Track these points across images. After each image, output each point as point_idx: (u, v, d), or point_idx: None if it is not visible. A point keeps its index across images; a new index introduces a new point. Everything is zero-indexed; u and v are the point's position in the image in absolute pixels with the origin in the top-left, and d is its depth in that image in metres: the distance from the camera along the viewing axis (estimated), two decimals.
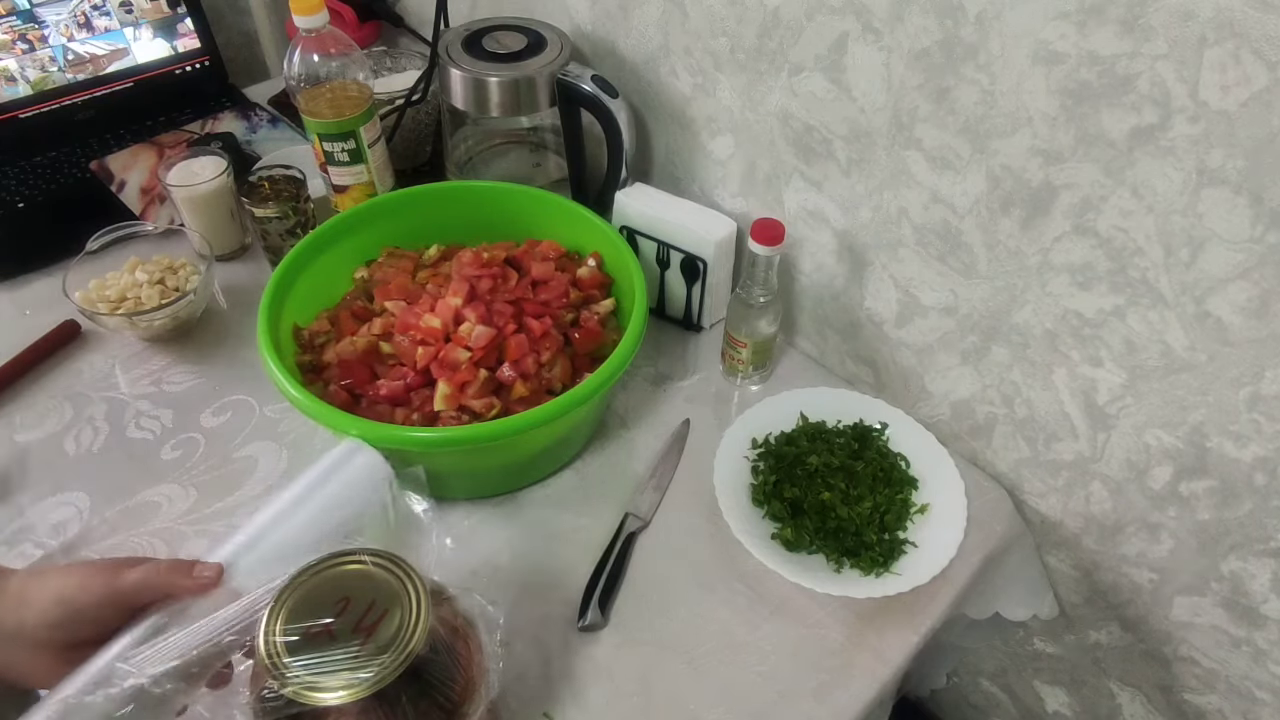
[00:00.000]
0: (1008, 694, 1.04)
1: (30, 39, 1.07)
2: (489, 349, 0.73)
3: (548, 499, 0.78)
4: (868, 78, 0.70)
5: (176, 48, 1.18)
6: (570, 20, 0.95)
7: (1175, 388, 0.65)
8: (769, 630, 0.70)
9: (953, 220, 0.71)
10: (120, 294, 0.88)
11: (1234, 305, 0.59)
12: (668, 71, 0.88)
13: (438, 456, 0.70)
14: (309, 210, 0.93)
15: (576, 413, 0.69)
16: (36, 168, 1.09)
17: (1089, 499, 0.77)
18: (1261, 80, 0.51)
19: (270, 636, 0.45)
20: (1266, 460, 0.63)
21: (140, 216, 1.01)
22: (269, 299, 0.74)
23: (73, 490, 0.77)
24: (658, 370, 0.90)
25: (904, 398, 0.86)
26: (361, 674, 0.44)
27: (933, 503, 0.76)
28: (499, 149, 1.05)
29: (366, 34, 1.20)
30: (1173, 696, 0.83)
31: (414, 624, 0.46)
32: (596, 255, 0.85)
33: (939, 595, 0.72)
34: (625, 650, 0.68)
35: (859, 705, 0.66)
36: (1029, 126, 0.62)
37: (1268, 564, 0.68)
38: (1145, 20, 0.53)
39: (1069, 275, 0.66)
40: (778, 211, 0.86)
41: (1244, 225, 0.55)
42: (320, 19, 0.81)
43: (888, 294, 0.81)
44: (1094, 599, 0.84)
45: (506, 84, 0.87)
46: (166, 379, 0.87)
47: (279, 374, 0.68)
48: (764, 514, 0.76)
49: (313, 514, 0.58)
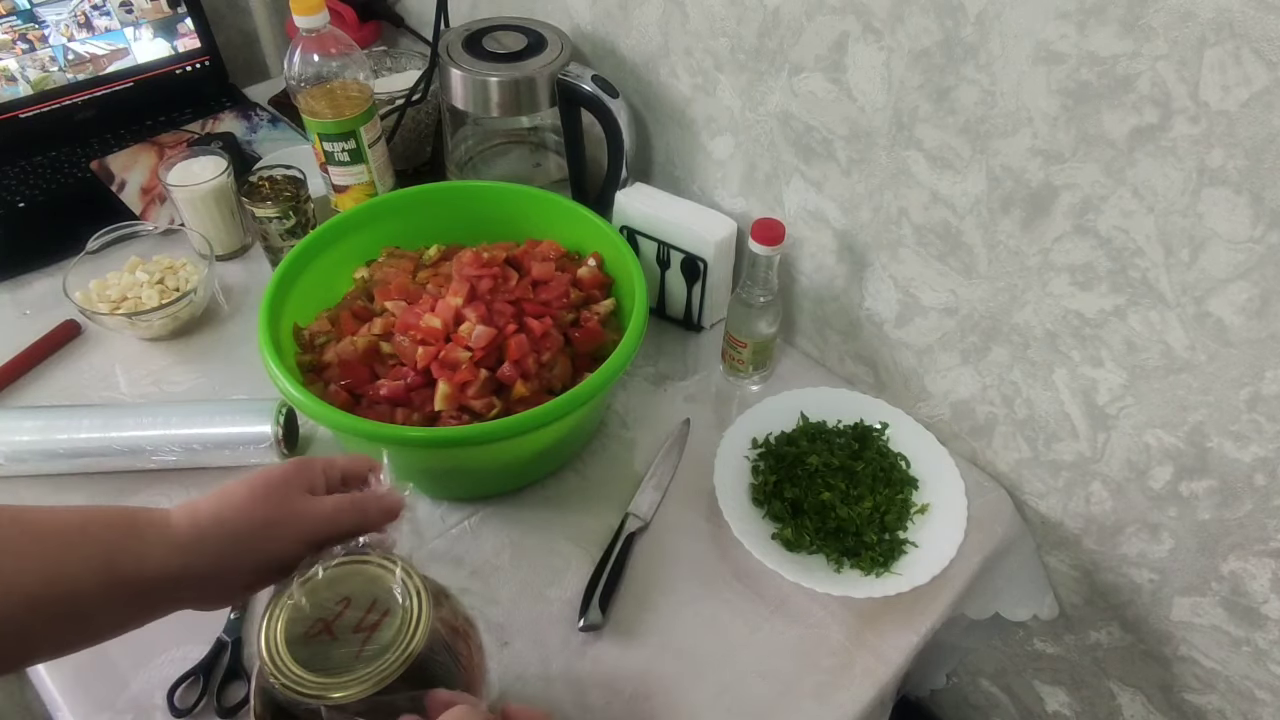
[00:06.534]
0: (1008, 694, 1.04)
1: (30, 39, 1.07)
2: (489, 349, 0.73)
3: (548, 499, 0.78)
4: (868, 78, 0.70)
5: (176, 48, 1.18)
6: (570, 20, 0.95)
7: (1175, 388, 0.65)
8: (769, 630, 0.70)
9: (953, 220, 0.71)
10: (120, 294, 0.88)
11: (1234, 305, 0.59)
12: (668, 72, 0.88)
13: (438, 456, 0.70)
14: (309, 210, 0.93)
15: (577, 413, 0.69)
16: (36, 168, 1.09)
17: (1089, 499, 0.77)
18: (1261, 80, 0.51)
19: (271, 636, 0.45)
20: (1266, 460, 0.63)
21: (140, 216, 1.01)
22: (269, 299, 0.74)
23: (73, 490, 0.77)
24: (658, 370, 0.90)
25: (904, 398, 0.86)
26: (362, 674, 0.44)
27: (933, 503, 0.76)
28: (499, 149, 1.05)
29: (366, 34, 1.20)
30: (1173, 696, 0.83)
31: (414, 624, 0.46)
32: (597, 255, 0.85)
33: (939, 595, 0.72)
34: (625, 650, 0.68)
35: (859, 705, 0.66)
36: (1029, 126, 0.62)
37: (1268, 564, 0.68)
38: (1145, 20, 0.53)
39: (1069, 275, 0.66)
40: (778, 211, 0.86)
41: (1244, 225, 0.55)
42: (320, 19, 0.81)
43: (888, 294, 0.81)
44: (1094, 599, 0.84)
45: (507, 84, 0.87)
46: (166, 379, 0.87)
47: (279, 374, 0.68)
48: (764, 514, 0.76)
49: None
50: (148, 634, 0.66)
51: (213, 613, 0.67)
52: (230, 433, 0.76)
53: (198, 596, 0.47)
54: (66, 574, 0.42)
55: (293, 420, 0.79)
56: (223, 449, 0.76)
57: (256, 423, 0.76)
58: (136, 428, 0.76)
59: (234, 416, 0.77)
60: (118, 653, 0.66)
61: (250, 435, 0.76)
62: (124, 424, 0.76)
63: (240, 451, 0.76)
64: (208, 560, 0.46)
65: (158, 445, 0.76)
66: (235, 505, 0.47)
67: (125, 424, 0.76)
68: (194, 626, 0.67)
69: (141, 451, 0.76)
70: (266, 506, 0.47)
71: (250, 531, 0.47)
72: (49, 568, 0.42)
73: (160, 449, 0.76)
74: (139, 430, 0.76)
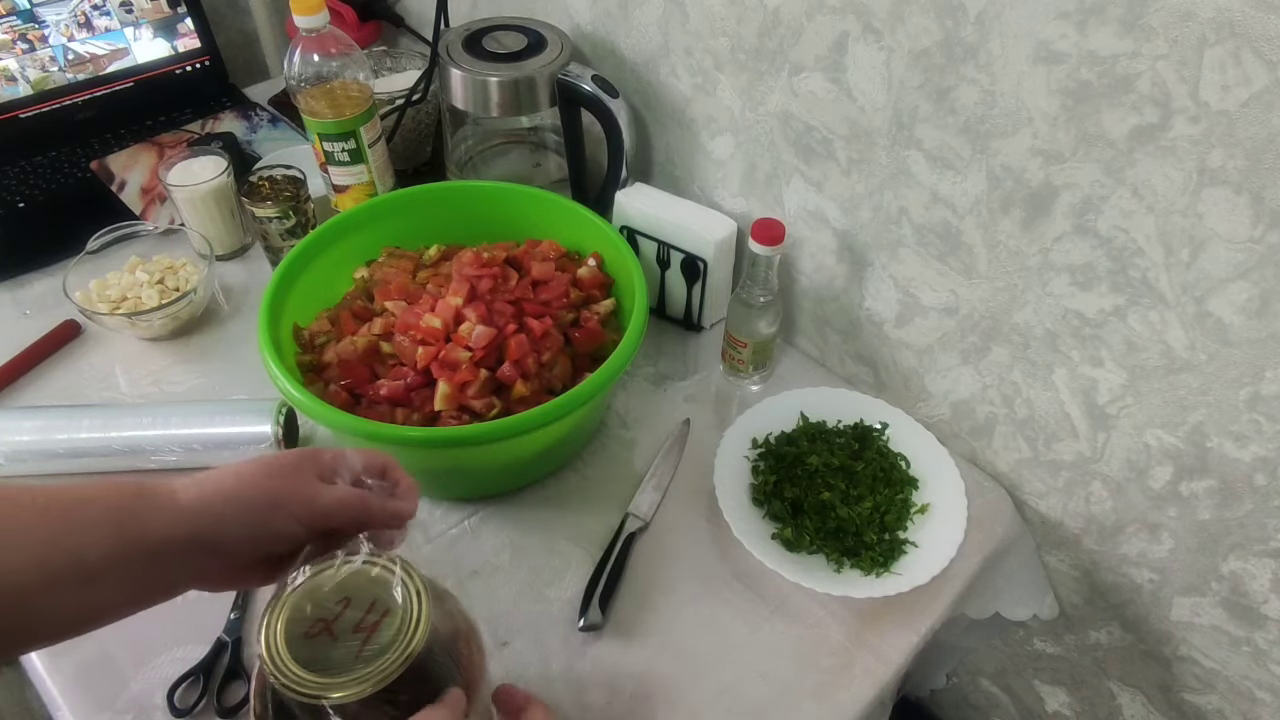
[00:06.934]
0: (1008, 694, 1.04)
1: (30, 39, 1.07)
2: (489, 349, 0.73)
3: (548, 499, 0.78)
4: (868, 78, 0.70)
5: (176, 48, 1.18)
6: (570, 20, 0.95)
7: (1175, 388, 0.65)
8: (769, 630, 0.70)
9: (953, 220, 0.71)
10: (120, 294, 0.88)
11: (1234, 305, 0.59)
12: (668, 71, 0.88)
13: (438, 456, 0.70)
14: (309, 210, 0.93)
15: (577, 413, 0.69)
16: (36, 168, 1.09)
17: (1089, 499, 0.77)
18: (1261, 80, 0.51)
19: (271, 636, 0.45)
20: (1266, 460, 0.63)
21: (140, 216, 1.01)
22: (269, 299, 0.74)
23: None
24: (658, 370, 0.90)
25: (904, 398, 0.86)
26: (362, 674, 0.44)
27: (933, 503, 0.76)
28: (499, 149, 1.06)
29: (366, 34, 1.20)
30: (1173, 696, 0.83)
31: (414, 624, 0.46)
32: (597, 255, 0.85)
33: (939, 595, 0.72)
34: (625, 650, 0.68)
35: (859, 705, 0.66)
36: (1029, 126, 0.62)
37: (1268, 564, 0.68)
38: (1145, 20, 0.53)
39: (1069, 275, 0.66)
40: (778, 211, 0.86)
41: (1244, 225, 0.55)
42: (320, 19, 0.81)
43: (888, 294, 0.81)
44: (1094, 599, 0.84)
45: (507, 84, 0.87)
46: (166, 379, 0.87)
47: (279, 374, 0.68)
48: (764, 514, 0.76)
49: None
50: (148, 634, 0.67)
51: (212, 613, 0.68)
52: (230, 433, 0.76)
53: (201, 572, 0.47)
54: (75, 539, 0.42)
55: (293, 420, 0.79)
56: (223, 449, 0.76)
57: (256, 423, 0.76)
58: (136, 428, 0.76)
59: (234, 416, 0.77)
60: (118, 653, 0.66)
61: (250, 435, 0.76)
62: (124, 424, 0.76)
63: (240, 451, 0.76)
64: (211, 528, 0.45)
65: (158, 445, 0.76)
66: (243, 479, 0.47)
67: (125, 424, 0.76)
68: (194, 626, 0.68)
69: (141, 451, 0.76)
70: (272, 483, 0.47)
71: (255, 504, 0.47)
72: (57, 532, 0.42)
73: (160, 449, 0.76)
74: (139, 430, 0.76)
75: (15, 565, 0.40)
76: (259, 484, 0.47)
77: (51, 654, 0.66)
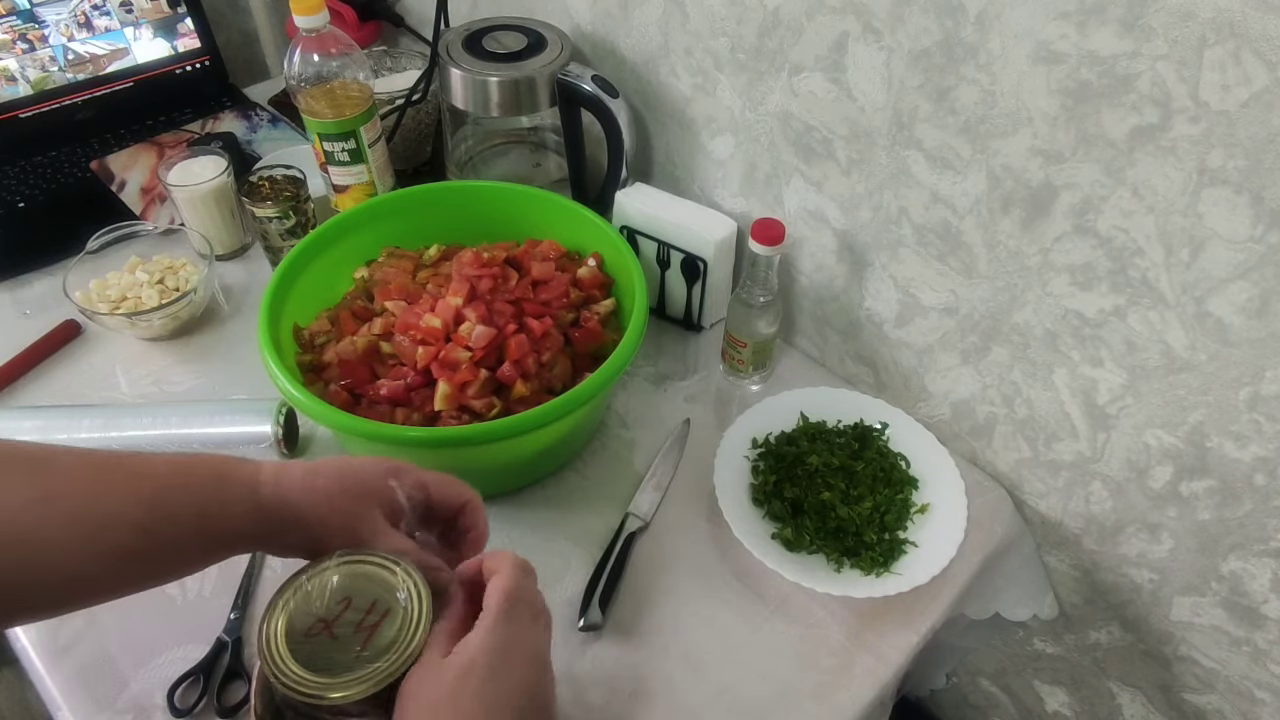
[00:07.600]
0: (1008, 694, 1.04)
1: (30, 39, 1.07)
2: (489, 349, 0.73)
3: (548, 499, 0.78)
4: (868, 78, 0.70)
5: (176, 48, 1.18)
6: (570, 20, 0.95)
7: (1175, 388, 0.65)
8: (769, 630, 0.70)
9: (953, 220, 0.71)
10: (120, 294, 0.88)
11: (1234, 305, 0.59)
12: (668, 71, 0.88)
13: (438, 456, 0.70)
14: (309, 210, 0.93)
15: (577, 413, 0.69)
16: (36, 168, 1.09)
17: (1089, 499, 0.77)
18: (1261, 80, 0.51)
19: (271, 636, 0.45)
20: (1266, 460, 0.63)
21: (140, 216, 1.01)
22: (269, 299, 0.74)
23: None
24: (658, 370, 0.90)
25: (904, 398, 0.86)
26: (362, 674, 0.44)
27: (933, 503, 0.76)
28: (499, 149, 1.05)
29: (366, 34, 1.20)
30: (1173, 696, 0.83)
31: (414, 624, 0.46)
32: (597, 255, 0.85)
33: (939, 595, 0.72)
34: (625, 650, 0.68)
35: (859, 705, 0.66)
36: (1029, 126, 0.62)
37: (1268, 564, 0.68)
38: (1145, 20, 0.53)
39: (1069, 275, 0.66)
40: (778, 211, 0.86)
41: (1244, 225, 0.56)
42: (320, 19, 0.81)
43: (888, 294, 0.81)
44: (1094, 599, 0.84)
45: (507, 84, 0.87)
46: (166, 379, 0.87)
47: (279, 374, 0.68)
48: (764, 514, 0.76)
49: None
50: (148, 634, 0.67)
51: (212, 613, 0.68)
52: (230, 433, 0.76)
53: (260, 549, 0.55)
54: (167, 511, 0.47)
55: (293, 420, 0.79)
56: (223, 449, 0.76)
57: (256, 423, 0.76)
58: (136, 428, 0.76)
59: (234, 416, 0.77)
60: (118, 653, 0.66)
61: (250, 435, 0.76)
62: (124, 424, 0.76)
63: (240, 452, 0.76)
64: (278, 535, 0.50)
65: (158, 445, 0.76)
66: (318, 494, 0.50)
67: (125, 424, 0.76)
68: (194, 626, 0.68)
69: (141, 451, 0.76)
70: (341, 515, 0.50)
71: (317, 524, 0.50)
72: (152, 505, 0.47)
73: (160, 449, 0.76)
74: (139, 430, 0.76)
75: (116, 541, 0.46)
76: (329, 506, 0.50)
77: (51, 654, 0.66)
